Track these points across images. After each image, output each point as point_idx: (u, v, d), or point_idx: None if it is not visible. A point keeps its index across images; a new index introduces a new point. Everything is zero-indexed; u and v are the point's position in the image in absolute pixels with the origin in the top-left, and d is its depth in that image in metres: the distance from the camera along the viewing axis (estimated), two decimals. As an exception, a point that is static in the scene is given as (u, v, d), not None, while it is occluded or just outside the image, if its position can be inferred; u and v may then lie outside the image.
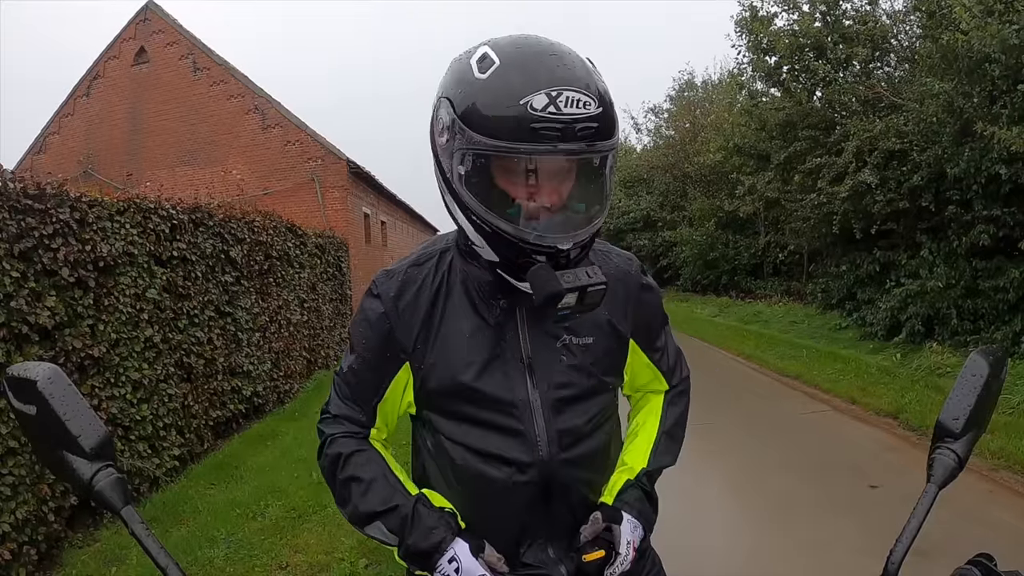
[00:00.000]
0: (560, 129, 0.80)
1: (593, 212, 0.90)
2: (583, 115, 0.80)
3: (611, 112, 0.84)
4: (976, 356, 0.86)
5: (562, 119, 0.79)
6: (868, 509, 3.64)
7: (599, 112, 0.81)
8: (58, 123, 13.09)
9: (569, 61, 0.83)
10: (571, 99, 0.79)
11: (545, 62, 0.82)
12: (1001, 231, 7.22)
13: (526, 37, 0.87)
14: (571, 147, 0.81)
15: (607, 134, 0.83)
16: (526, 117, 0.79)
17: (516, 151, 0.81)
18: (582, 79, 0.82)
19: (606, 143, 0.83)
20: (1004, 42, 6.03)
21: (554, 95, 0.79)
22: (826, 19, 9.71)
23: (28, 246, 3.31)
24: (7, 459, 3.05)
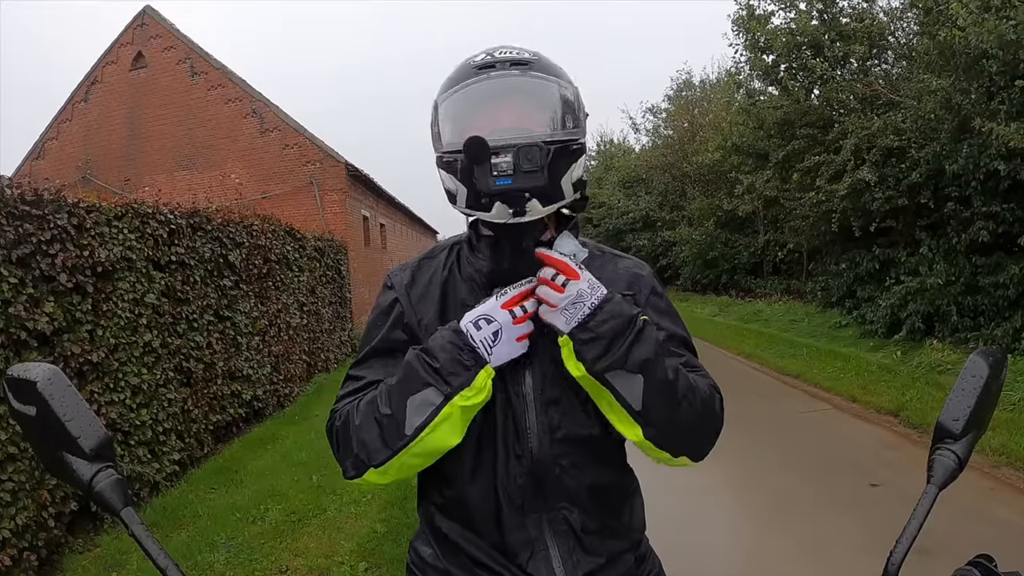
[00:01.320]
0: (494, 65, 0.94)
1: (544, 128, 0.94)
2: (515, 56, 0.94)
3: (548, 62, 0.97)
4: (976, 357, 0.85)
5: (495, 59, 0.94)
6: (869, 507, 3.63)
7: (535, 58, 0.95)
8: (56, 128, 13.09)
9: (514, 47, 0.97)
10: (504, 49, 0.95)
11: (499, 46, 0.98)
12: (1000, 227, 7.21)
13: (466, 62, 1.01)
14: (504, 73, 0.93)
15: (543, 71, 0.94)
16: (469, 66, 0.95)
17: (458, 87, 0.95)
18: (520, 47, 0.96)
19: (538, 74, 0.94)
20: (1001, 38, 6.03)
21: (492, 50, 0.96)
22: (823, 17, 9.71)
23: (26, 252, 3.31)
24: (7, 465, 3.05)
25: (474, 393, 0.88)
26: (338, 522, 3.83)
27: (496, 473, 0.97)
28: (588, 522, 0.99)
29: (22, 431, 0.83)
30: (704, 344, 10.58)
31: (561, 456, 0.97)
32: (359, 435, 0.91)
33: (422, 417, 0.87)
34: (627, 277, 1.05)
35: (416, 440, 0.88)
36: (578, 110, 0.97)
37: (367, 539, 3.56)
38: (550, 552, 0.98)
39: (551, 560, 0.98)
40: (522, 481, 0.97)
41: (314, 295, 8.45)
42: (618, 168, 25.95)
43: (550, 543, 0.98)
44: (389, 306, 1.04)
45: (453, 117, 0.96)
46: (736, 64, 11.99)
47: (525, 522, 0.98)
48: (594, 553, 1.00)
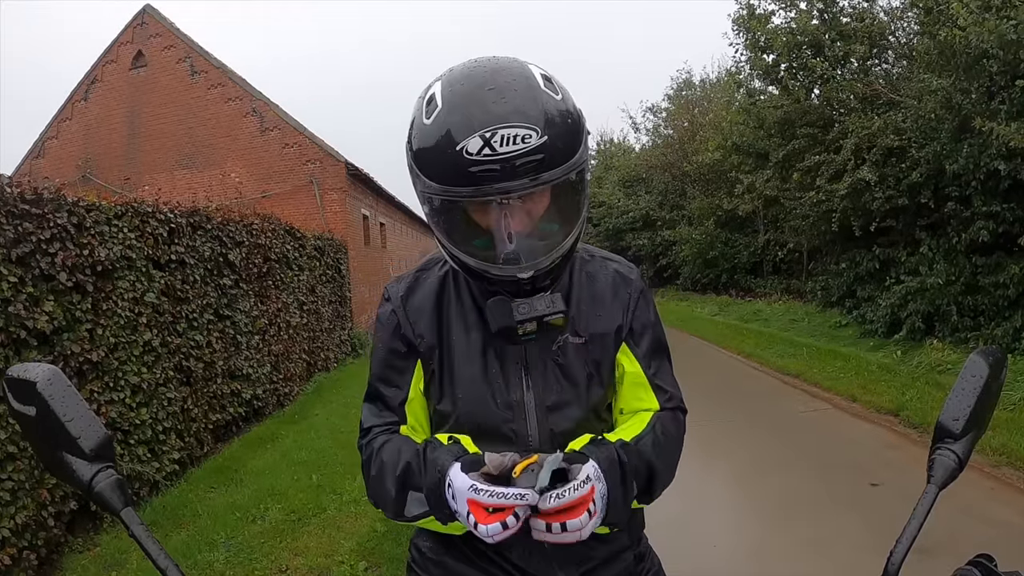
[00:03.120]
0: (498, 169, 0.79)
1: (556, 238, 0.89)
2: (521, 150, 0.78)
3: (561, 136, 0.81)
4: (975, 357, 0.85)
5: (497, 159, 0.79)
6: (869, 507, 3.63)
7: (542, 142, 0.79)
8: (56, 127, 13.08)
9: (509, 92, 0.81)
10: (506, 137, 0.78)
11: (481, 100, 0.80)
12: (1001, 227, 7.21)
13: (472, 68, 0.86)
14: (512, 184, 0.80)
15: (555, 162, 0.81)
16: (463, 162, 0.79)
17: (459, 196, 0.82)
18: (520, 110, 0.79)
19: (554, 172, 0.81)
20: (1002, 37, 6.03)
21: (488, 136, 0.78)
22: (823, 16, 9.71)
23: (26, 251, 3.31)
24: (6, 464, 3.05)
25: (456, 528, 0.89)
26: (338, 521, 3.83)
27: None
28: None
29: (22, 431, 0.83)
30: (704, 344, 10.58)
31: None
32: (375, 489, 0.96)
33: (419, 510, 0.91)
34: (613, 281, 1.06)
35: (416, 521, 0.93)
36: (587, 165, 0.89)
37: (367, 538, 3.56)
38: (549, 553, 0.98)
39: (550, 560, 0.98)
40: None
41: (314, 294, 8.45)
42: (618, 167, 25.95)
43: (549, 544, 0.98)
44: (387, 319, 1.05)
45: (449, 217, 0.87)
46: (736, 63, 12.01)
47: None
48: (593, 551, 1.01)
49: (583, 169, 0.86)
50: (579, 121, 0.86)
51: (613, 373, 1.05)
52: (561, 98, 0.84)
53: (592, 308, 1.03)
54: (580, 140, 0.85)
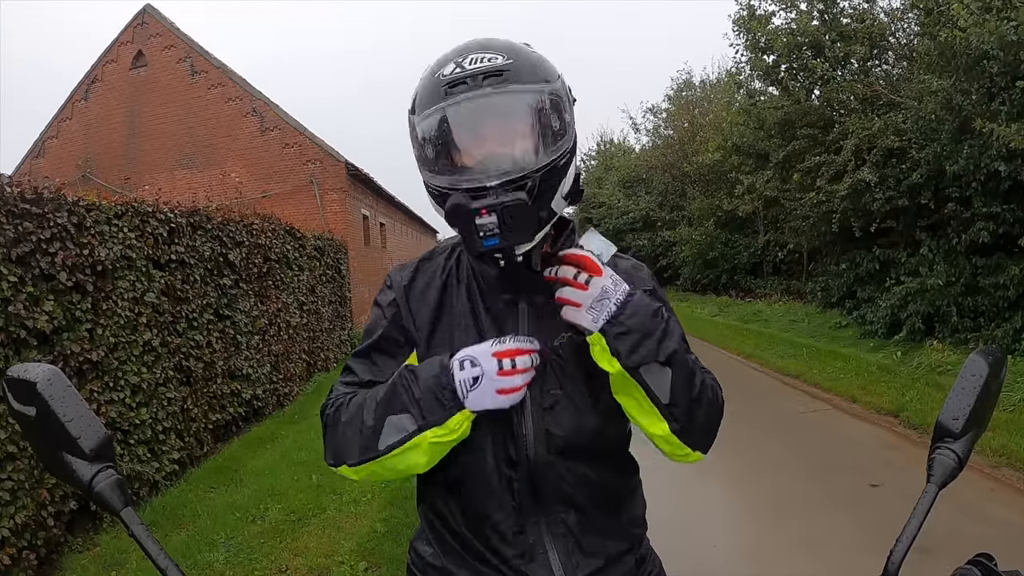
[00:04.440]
0: (466, 80, 0.85)
1: (526, 156, 0.87)
2: (486, 67, 0.85)
3: (528, 67, 0.87)
4: (975, 356, 0.85)
5: (465, 74, 0.85)
6: (869, 508, 3.64)
7: (508, 63, 0.86)
8: (56, 127, 13.08)
9: (491, 40, 0.90)
10: (475, 58, 0.86)
11: (465, 44, 0.90)
12: (1001, 228, 7.21)
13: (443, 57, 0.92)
14: (476, 92, 0.85)
15: (520, 79, 0.86)
16: (439, 82, 0.86)
17: (432, 112, 0.87)
18: (492, 44, 0.88)
19: (514, 86, 0.86)
20: (1002, 39, 6.03)
21: (460, 60, 0.86)
22: (824, 17, 9.72)
23: (26, 250, 3.31)
24: (6, 464, 3.05)
25: (446, 432, 0.88)
26: (338, 521, 3.83)
27: (492, 480, 0.97)
28: (587, 524, 0.99)
29: (22, 431, 0.83)
30: (704, 344, 10.57)
31: (558, 462, 0.96)
32: (344, 432, 0.95)
33: (394, 439, 0.90)
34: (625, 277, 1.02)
35: (385, 456, 0.91)
36: (564, 107, 0.90)
37: (367, 539, 3.56)
38: (549, 556, 0.97)
39: (550, 563, 0.97)
40: (519, 487, 0.97)
41: (314, 294, 8.45)
42: (618, 168, 25.96)
43: (549, 547, 0.98)
44: (388, 305, 1.05)
45: (431, 145, 0.90)
46: (737, 64, 12.01)
47: (524, 526, 0.97)
48: (593, 555, 0.99)
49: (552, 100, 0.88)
50: (551, 70, 0.90)
51: None
52: (539, 57, 0.91)
53: None
54: (550, 77, 0.89)
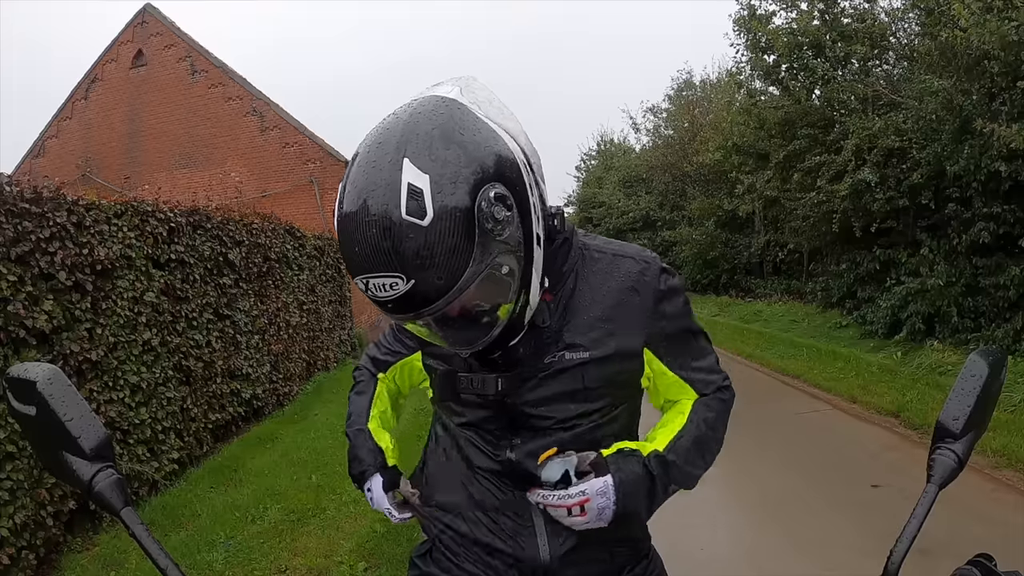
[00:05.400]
0: (383, 307, 0.81)
1: (487, 323, 0.88)
2: (392, 296, 0.78)
3: (431, 273, 0.76)
4: (975, 357, 0.85)
5: (379, 300, 0.80)
6: (869, 508, 3.63)
7: (410, 287, 0.76)
8: (56, 127, 13.08)
9: (370, 233, 0.77)
10: (376, 284, 0.78)
11: (352, 244, 0.79)
12: (1001, 228, 7.20)
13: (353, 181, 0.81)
14: (404, 316, 0.83)
15: (432, 299, 0.78)
16: (365, 291, 0.82)
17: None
18: (380, 259, 0.76)
19: (436, 305, 0.78)
20: (1003, 39, 6.02)
21: (365, 283, 0.79)
22: (824, 17, 9.71)
23: (25, 250, 3.31)
24: (5, 464, 3.05)
25: None
26: (337, 521, 3.83)
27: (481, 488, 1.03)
28: None
29: (22, 431, 0.83)
30: (704, 344, 10.56)
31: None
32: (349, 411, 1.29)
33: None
34: (625, 285, 1.00)
35: None
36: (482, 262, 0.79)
37: (367, 539, 3.55)
38: (535, 527, 1.00)
39: (536, 536, 1.00)
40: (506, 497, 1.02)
41: (314, 294, 8.44)
42: (618, 168, 25.94)
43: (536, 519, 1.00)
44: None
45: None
46: (737, 64, 12.00)
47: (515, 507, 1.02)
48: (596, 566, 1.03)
49: (483, 277, 0.80)
50: (460, 238, 0.76)
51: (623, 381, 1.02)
52: (430, 221, 0.75)
53: (599, 319, 0.98)
54: (462, 262, 0.77)
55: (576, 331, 0.97)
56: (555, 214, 0.97)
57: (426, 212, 0.75)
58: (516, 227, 0.83)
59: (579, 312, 0.98)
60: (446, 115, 0.82)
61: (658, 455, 0.96)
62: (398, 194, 0.76)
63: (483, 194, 0.78)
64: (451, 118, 0.82)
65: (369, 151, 0.81)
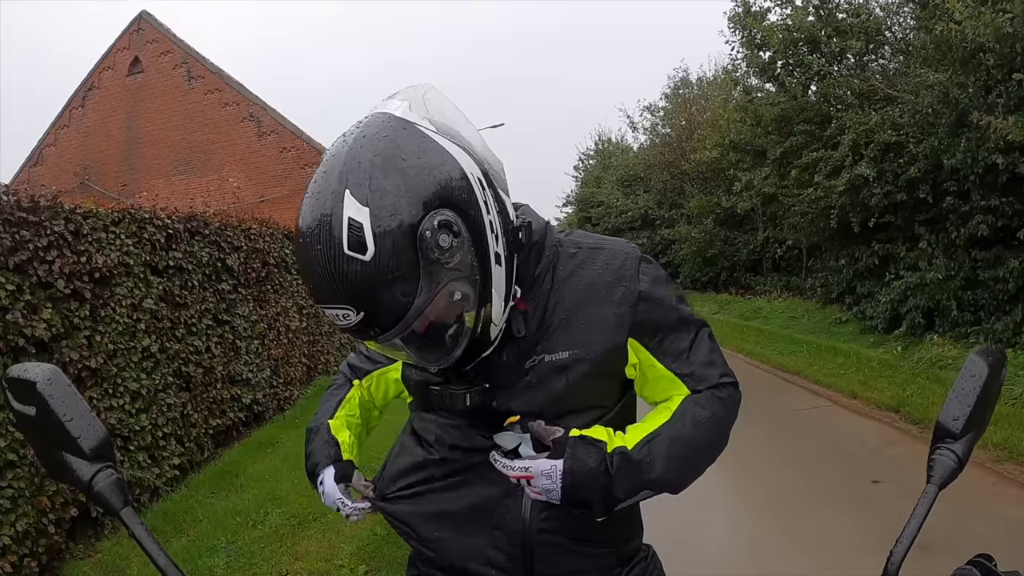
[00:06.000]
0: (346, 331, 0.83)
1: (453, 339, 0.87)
2: (348, 325, 0.80)
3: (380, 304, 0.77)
4: (975, 357, 0.85)
5: (339, 327, 0.83)
6: (870, 504, 3.63)
7: (360, 318, 0.78)
8: (54, 135, 13.09)
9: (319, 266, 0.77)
10: (333, 315, 0.80)
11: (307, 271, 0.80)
12: (1000, 221, 7.21)
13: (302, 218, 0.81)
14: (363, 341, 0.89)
15: (385, 327, 0.79)
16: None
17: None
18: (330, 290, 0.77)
19: (388, 334, 0.80)
20: (998, 31, 6.02)
21: (324, 311, 0.82)
22: (819, 13, 9.70)
23: (23, 259, 3.30)
24: (7, 471, 3.04)
25: None
26: (338, 525, 3.82)
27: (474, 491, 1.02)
28: None
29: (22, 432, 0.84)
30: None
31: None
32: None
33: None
34: (603, 279, 0.97)
35: None
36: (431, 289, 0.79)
37: (367, 542, 3.55)
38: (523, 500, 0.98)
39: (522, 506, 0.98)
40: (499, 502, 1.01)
41: (313, 298, 8.44)
42: (616, 167, 25.96)
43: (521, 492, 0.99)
44: None
45: None
46: (733, 61, 12.00)
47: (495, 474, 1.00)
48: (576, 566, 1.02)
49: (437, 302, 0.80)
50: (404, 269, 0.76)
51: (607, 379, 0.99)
52: (372, 255, 0.75)
53: (578, 317, 0.95)
54: (408, 292, 0.77)
55: (555, 333, 0.94)
56: (520, 226, 0.92)
57: (367, 247, 0.75)
58: (468, 251, 0.81)
59: (557, 312, 0.95)
60: (390, 139, 0.81)
61: (623, 452, 0.90)
62: (340, 228, 0.76)
63: (426, 222, 0.77)
64: (394, 142, 0.80)
65: (316, 181, 0.82)
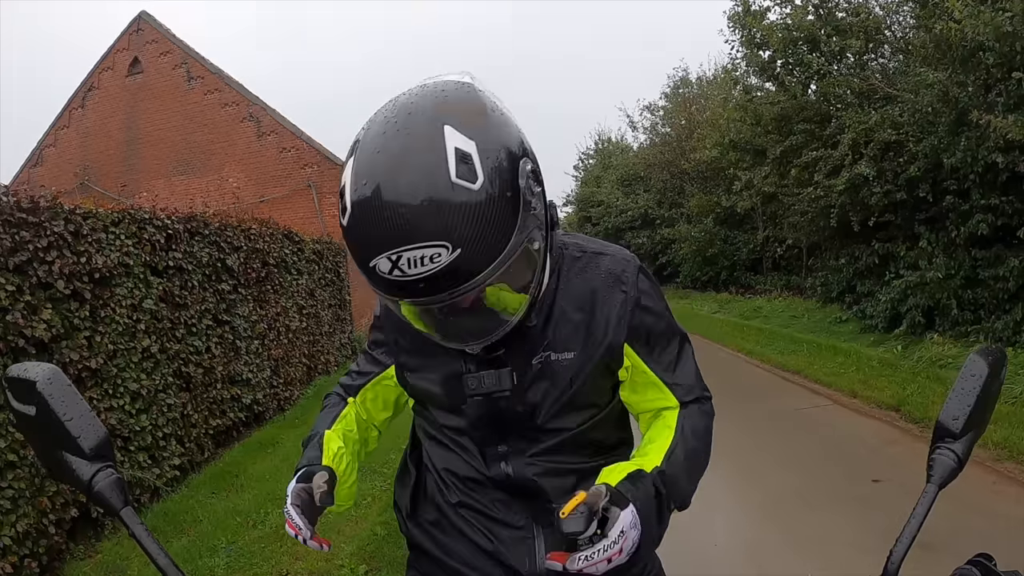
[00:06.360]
0: (414, 288, 0.75)
1: (503, 316, 0.85)
2: (431, 271, 0.72)
3: (478, 242, 0.72)
4: (975, 356, 0.85)
5: (409, 280, 0.73)
6: (871, 503, 3.63)
7: (454, 257, 0.72)
8: (54, 135, 13.08)
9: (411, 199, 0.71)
10: (412, 260, 0.72)
11: (381, 215, 0.73)
12: (999, 220, 7.20)
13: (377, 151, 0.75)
14: (433, 299, 0.76)
15: (473, 272, 0.74)
16: (379, 278, 0.76)
17: (387, 300, 0.81)
18: (424, 226, 0.71)
19: (475, 280, 0.74)
20: (997, 30, 6.02)
21: (395, 259, 0.73)
22: (819, 12, 9.69)
23: (23, 259, 3.31)
24: (7, 472, 3.05)
25: None
26: (338, 525, 3.82)
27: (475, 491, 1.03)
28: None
29: (22, 431, 0.83)
30: (705, 341, 10.57)
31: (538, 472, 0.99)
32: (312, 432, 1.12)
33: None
34: (605, 282, 0.99)
35: None
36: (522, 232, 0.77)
37: (367, 542, 3.55)
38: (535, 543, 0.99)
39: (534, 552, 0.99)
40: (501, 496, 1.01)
41: (313, 298, 8.44)
42: (616, 166, 25.95)
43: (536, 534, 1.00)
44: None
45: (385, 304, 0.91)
46: (733, 60, 12.01)
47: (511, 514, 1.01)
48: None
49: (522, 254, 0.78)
50: (507, 206, 0.75)
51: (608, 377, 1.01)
52: (481, 185, 0.72)
53: (583, 319, 0.97)
54: (507, 231, 0.75)
55: (560, 331, 0.96)
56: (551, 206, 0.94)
57: (477, 176, 0.72)
58: (542, 206, 0.82)
59: (563, 312, 0.97)
60: (473, 93, 0.80)
61: (661, 472, 0.89)
62: (444, 158, 0.72)
63: (522, 166, 0.77)
64: (479, 95, 0.80)
65: (395, 121, 0.76)
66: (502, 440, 0.99)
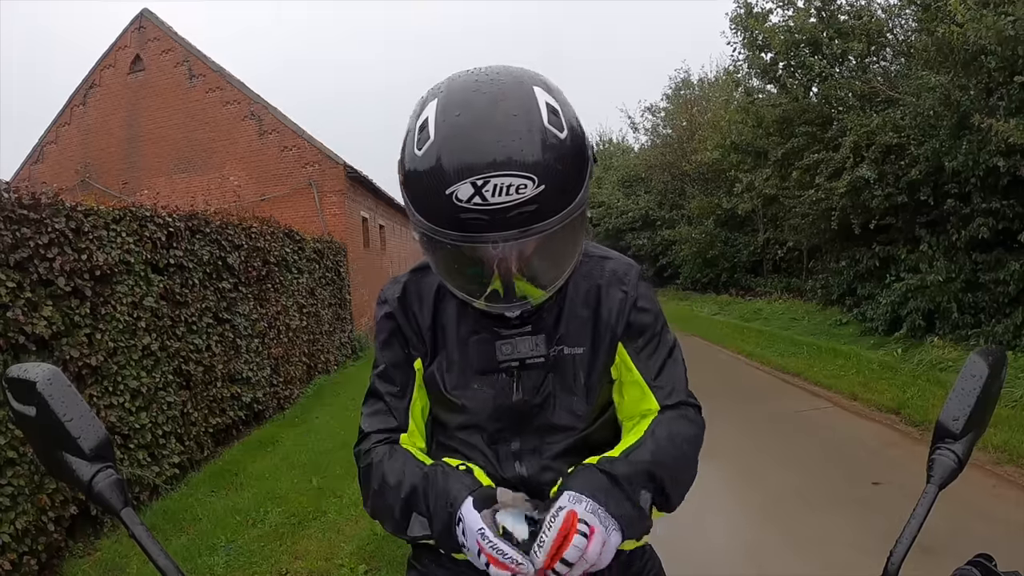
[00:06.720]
0: (487, 219, 0.76)
1: (548, 276, 0.88)
2: (513, 201, 0.74)
3: (559, 184, 0.77)
4: (975, 357, 0.85)
5: (488, 209, 0.75)
6: (870, 506, 3.63)
7: (538, 192, 0.75)
8: (55, 132, 13.08)
9: (507, 133, 0.75)
10: (499, 187, 0.74)
11: (475, 141, 0.75)
12: (1000, 224, 7.21)
13: (471, 93, 0.79)
14: (502, 235, 0.77)
15: (550, 211, 0.77)
16: (452, 208, 0.76)
17: (447, 238, 0.79)
18: (517, 157, 0.74)
19: (548, 222, 0.77)
20: (1000, 34, 6.02)
21: (480, 184, 0.74)
22: (821, 14, 9.70)
23: (24, 256, 3.31)
24: (6, 469, 3.04)
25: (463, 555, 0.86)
26: (338, 524, 3.82)
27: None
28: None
29: (22, 432, 0.83)
30: (704, 343, 10.57)
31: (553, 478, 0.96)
32: (375, 504, 0.96)
33: (422, 532, 0.89)
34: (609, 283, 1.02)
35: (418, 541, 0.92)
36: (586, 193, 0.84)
37: (367, 541, 3.55)
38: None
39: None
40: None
41: (313, 297, 8.45)
42: (617, 167, 25.97)
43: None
44: (384, 321, 1.05)
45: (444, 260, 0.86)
46: (734, 62, 12.00)
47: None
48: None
49: (583, 212, 0.84)
50: (583, 162, 0.82)
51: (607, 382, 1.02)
52: (566, 136, 0.79)
53: (590, 317, 1.00)
54: (581, 184, 0.81)
55: (570, 327, 0.99)
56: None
57: (563, 128, 0.79)
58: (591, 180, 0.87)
59: (571, 309, 1.00)
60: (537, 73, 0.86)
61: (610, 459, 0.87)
62: (537, 105, 0.78)
63: (587, 138, 0.85)
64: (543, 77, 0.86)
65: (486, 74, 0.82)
66: (515, 436, 0.99)
